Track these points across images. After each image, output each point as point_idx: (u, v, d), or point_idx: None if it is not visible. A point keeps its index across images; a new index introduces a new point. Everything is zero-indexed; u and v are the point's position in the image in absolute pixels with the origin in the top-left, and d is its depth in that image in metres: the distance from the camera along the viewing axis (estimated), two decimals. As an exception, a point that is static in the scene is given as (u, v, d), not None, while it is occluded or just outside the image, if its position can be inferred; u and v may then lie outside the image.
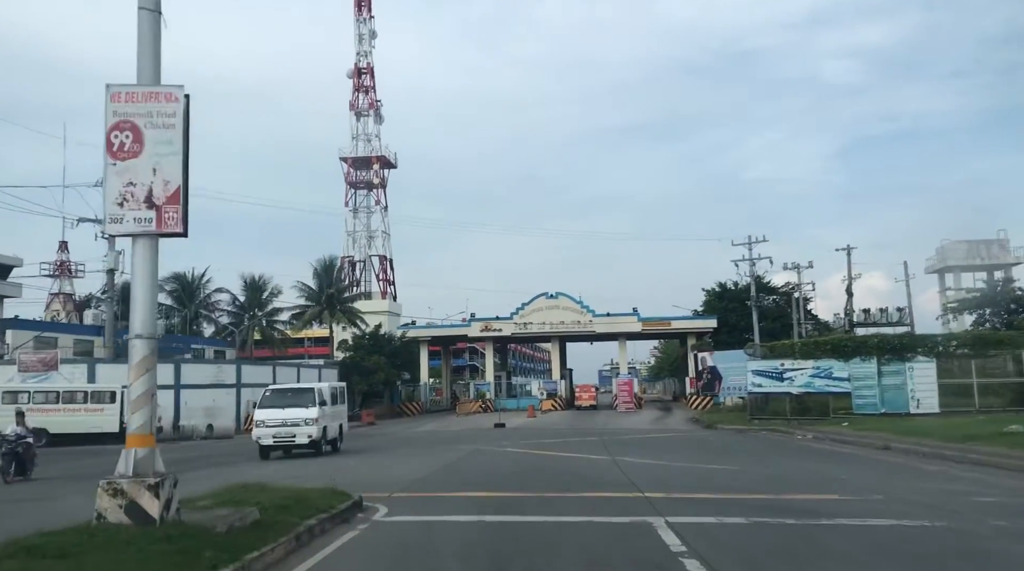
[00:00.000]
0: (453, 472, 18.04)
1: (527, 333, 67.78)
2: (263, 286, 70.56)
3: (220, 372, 39.36)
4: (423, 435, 35.08)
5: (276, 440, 23.92)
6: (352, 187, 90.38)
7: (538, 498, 12.87)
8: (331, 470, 17.38)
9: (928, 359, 33.94)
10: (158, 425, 18.82)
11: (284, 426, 23.84)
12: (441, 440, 30.79)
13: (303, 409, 24.20)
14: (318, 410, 24.33)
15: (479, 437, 31.45)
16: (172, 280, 69.68)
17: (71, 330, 49.28)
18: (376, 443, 30.16)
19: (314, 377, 49.72)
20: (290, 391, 26.02)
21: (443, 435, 34.40)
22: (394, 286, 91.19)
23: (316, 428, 24.06)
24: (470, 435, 33.07)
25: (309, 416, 24.04)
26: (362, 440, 32.33)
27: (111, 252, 35.71)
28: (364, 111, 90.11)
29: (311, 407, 24.29)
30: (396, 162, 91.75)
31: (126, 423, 9.21)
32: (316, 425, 24.07)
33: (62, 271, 65.64)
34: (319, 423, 24.23)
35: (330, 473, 15.71)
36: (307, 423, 23.93)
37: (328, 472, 16.49)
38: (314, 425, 24.03)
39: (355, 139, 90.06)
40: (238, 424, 40.00)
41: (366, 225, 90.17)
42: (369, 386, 57.67)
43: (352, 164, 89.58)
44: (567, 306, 66.82)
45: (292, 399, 24.83)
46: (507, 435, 32.34)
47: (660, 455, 21.25)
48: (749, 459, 20.15)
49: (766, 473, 16.93)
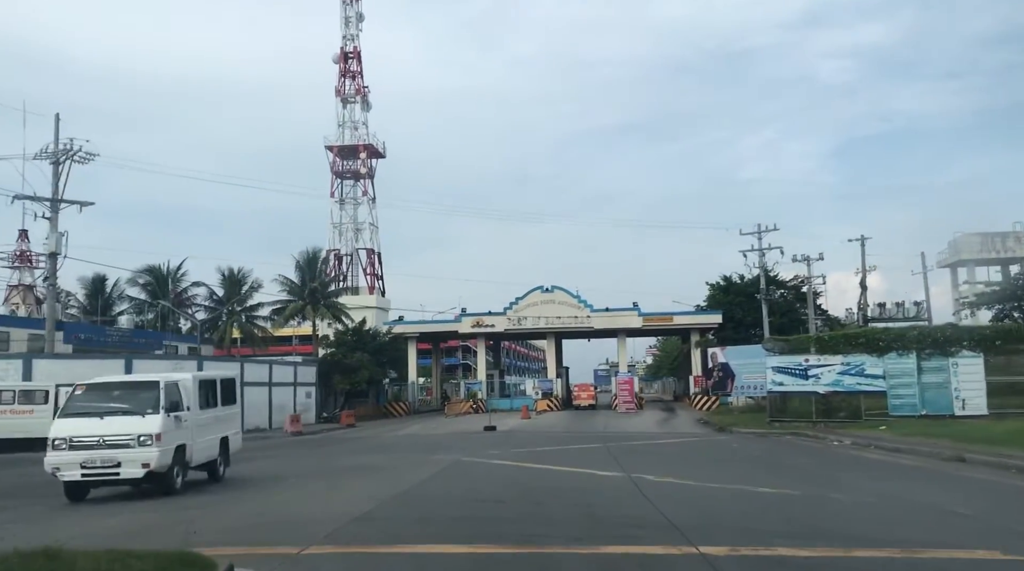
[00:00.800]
0: (415, 501, 13.40)
1: (521, 329, 63.77)
2: (242, 279, 66.52)
3: (177, 369, 35.22)
4: (400, 440, 31.07)
5: (87, 474, 14.56)
6: (338, 177, 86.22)
7: (533, 557, 8.60)
8: (211, 508, 12.94)
9: (975, 354, 30.01)
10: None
11: (99, 447, 14.52)
12: (419, 446, 26.78)
13: (135, 419, 14.81)
14: (163, 419, 14.83)
15: (464, 443, 27.46)
16: (145, 273, 65.67)
17: (24, 324, 45.17)
18: (329, 455, 25.69)
19: (288, 375, 45.69)
20: (117, 388, 16.17)
21: (423, 440, 30.40)
22: (382, 281, 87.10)
23: (157, 451, 14.61)
24: (454, 441, 29.08)
25: (145, 430, 14.64)
26: (317, 449, 28.22)
27: (52, 233, 31.64)
28: (351, 97, 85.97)
29: (150, 414, 14.85)
30: (385, 151, 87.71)
31: None
32: (158, 446, 14.63)
33: (22, 261, 61.51)
34: (166, 441, 14.85)
35: (196, 517, 11.44)
36: (142, 442, 14.55)
37: (201, 513, 12.16)
38: (154, 446, 14.58)
39: (341, 127, 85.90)
40: (268, 422, 35.93)
41: (353, 217, 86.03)
42: (351, 385, 53.61)
43: (338, 153, 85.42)
44: (563, 301, 62.91)
45: (119, 401, 15.42)
46: (497, 441, 28.36)
47: (685, 470, 17.14)
48: (801, 476, 16.08)
49: (841, 500, 12.72)
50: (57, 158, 31.96)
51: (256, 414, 40.87)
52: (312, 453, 26.14)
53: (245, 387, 39.08)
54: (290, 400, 45.26)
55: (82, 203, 32.49)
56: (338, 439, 33.73)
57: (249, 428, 39.21)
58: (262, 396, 41.58)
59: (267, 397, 42.36)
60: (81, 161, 32.27)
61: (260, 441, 32.86)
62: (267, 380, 42.48)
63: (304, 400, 47.51)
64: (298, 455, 25.49)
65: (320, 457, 24.22)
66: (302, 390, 47.28)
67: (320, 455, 25.14)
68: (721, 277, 61.80)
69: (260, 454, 25.81)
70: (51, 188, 31.90)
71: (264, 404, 41.96)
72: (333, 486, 16.07)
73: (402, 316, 69.37)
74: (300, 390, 46.99)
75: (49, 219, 31.94)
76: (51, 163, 31.94)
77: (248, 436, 36.21)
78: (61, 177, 32.24)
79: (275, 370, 43.74)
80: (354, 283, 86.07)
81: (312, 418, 48.57)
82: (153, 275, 66.34)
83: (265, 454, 25.84)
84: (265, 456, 24.80)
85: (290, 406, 44.78)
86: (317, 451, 26.77)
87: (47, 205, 31.91)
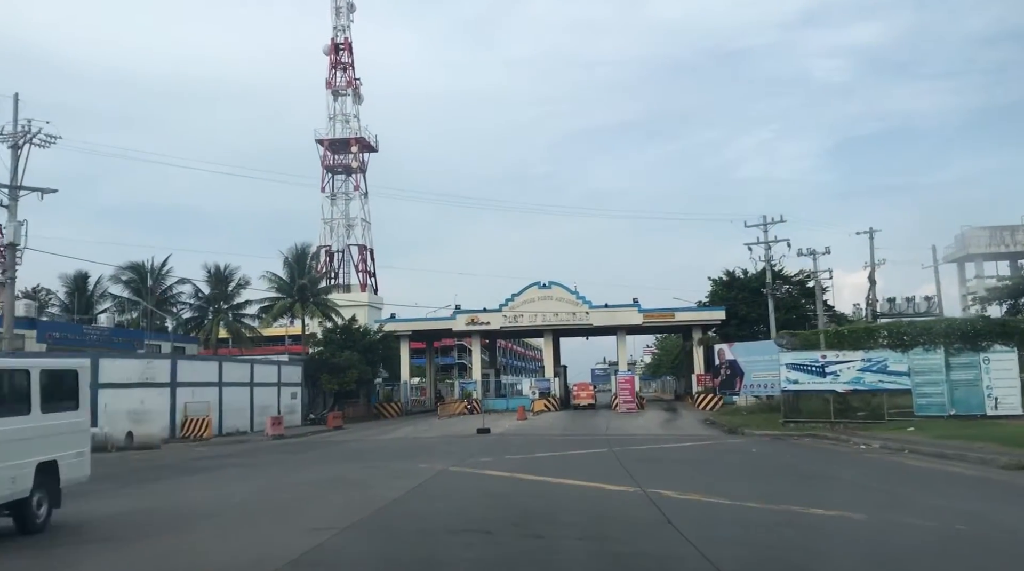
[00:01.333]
0: (379, 532, 10.65)
1: (517, 326, 61.44)
2: (229, 277, 64.08)
3: (149, 368, 33.04)
4: (387, 445, 28.73)
5: None
6: (329, 171, 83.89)
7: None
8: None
9: (1008, 348, 27.75)
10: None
11: None
12: (405, 452, 24.41)
13: None
14: None
15: (455, 448, 25.12)
16: (129, 269, 63.10)
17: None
18: (301, 463, 23.34)
19: (272, 376, 43.37)
20: None
21: (411, 445, 28.06)
22: (375, 278, 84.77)
23: None
24: (444, 445, 26.73)
25: None
26: (292, 456, 25.86)
27: (11, 222, 29.25)
28: (342, 90, 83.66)
29: None
30: (377, 145, 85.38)
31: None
32: None
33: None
34: None
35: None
36: None
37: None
38: None
39: (332, 120, 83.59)
40: (173, 430, 33.64)
41: (344, 212, 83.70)
42: (340, 385, 51.23)
43: (329, 146, 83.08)
44: (561, 297, 60.68)
45: None
46: (490, 445, 26.03)
47: (710, 483, 14.62)
48: (852, 492, 13.46)
49: (922, 528, 10.07)
50: (16, 141, 29.58)
51: (237, 416, 38.55)
52: (282, 461, 23.73)
53: (224, 388, 36.83)
54: (274, 401, 42.94)
55: (43, 190, 30.13)
56: (320, 443, 31.41)
57: (228, 431, 36.91)
58: (243, 397, 39.25)
59: (248, 398, 40.04)
60: (42, 144, 29.91)
61: (235, 446, 30.55)
62: (248, 380, 40.15)
63: (289, 401, 45.17)
64: (265, 463, 23.06)
65: (288, 466, 21.73)
66: (287, 391, 44.95)
67: (291, 464, 22.68)
68: (724, 272, 59.56)
69: (219, 462, 23.44)
70: (9, 174, 29.55)
71: (245, 406, 39.63)
72: (282, 508, 13.35)
73: (394, 313, 67.12)
74: (285, 391, 44.67)
75: (7, 207, 29.56)
76: (9, 147, 29.57)
77: (226, 440, 34.40)
78: (20, 161, 29.87)
79: (257, 370, 41.40)
80: (346, 281, 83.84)
81: (298, 420, 46.24)
82: (137, 272, 63.76)
83: (225, 462, 23.45)
84: (222, 465, 22.36)
85: (274, 407, 42.47)
86: (291, 458, 24.38)
87: (5, 192, 29.55)
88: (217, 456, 24.80)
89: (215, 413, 36.25)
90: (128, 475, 20.30)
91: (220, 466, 22.03)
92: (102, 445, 28.23)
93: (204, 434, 33.74)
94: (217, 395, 36.75)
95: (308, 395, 53.58)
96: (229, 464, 22.62)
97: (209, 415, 34.09)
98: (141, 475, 20.25)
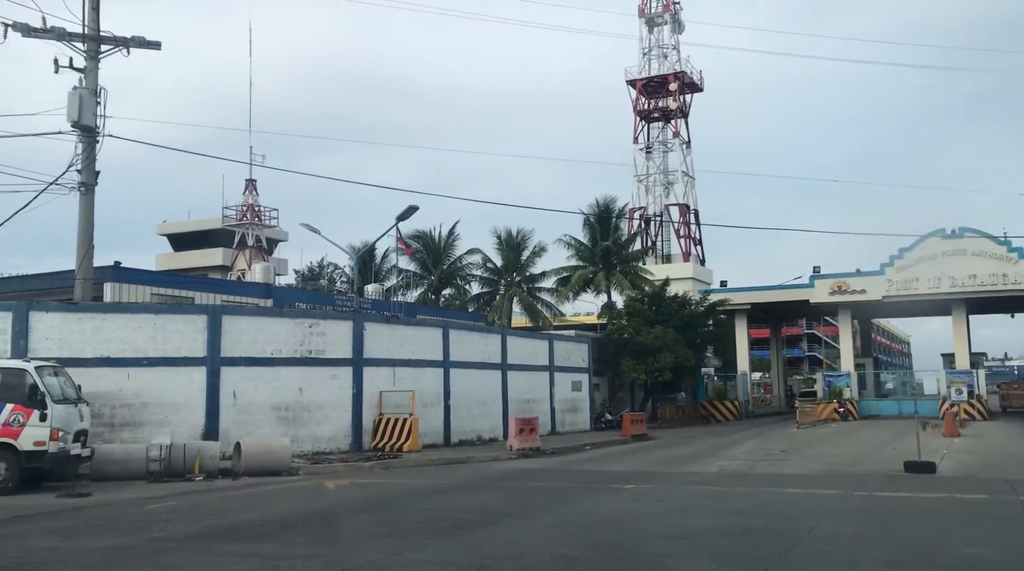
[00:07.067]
0: None
1: (909, 295, 41.93)
2: (522, 243, 51.39)
3: (314, 334, 20.50)
4: (697, 495, 12.88)
5: None
6: (642, 118, 68.93)
7: None
8: None
9: None
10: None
11: None
12: (740, 551, 8.54)
13: None
14: None
15: (884, 537, 8.82)
16: (414, 239, 53.50)
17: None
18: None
19: (539, 356, 29.60)
20: None
21: (755, 503, 12.01)
22: (700, 246, 68.08)
23: None
24: (840, 511, 10.52)
25: None
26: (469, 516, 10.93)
27: (76, 91, 18.01)
28: (657, 17, 68.41)
29: None
30: (702, 83, 69.09)
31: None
32: None
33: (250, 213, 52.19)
34: None
35: None
36: None
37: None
38: None
39: (646, 55, 68.55)
40: (357, 436, 20.82)
41: (661, 166, 68.33)
42: (648, 375, 36.06)
43: (642, 88, 68.18)
44: (979, 249, 40.67)
45: None
46: (983, 525, 9.32)
47: None
48: None
49: None
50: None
51: (477, 414, 25.03)
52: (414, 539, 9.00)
53: (453, 369, 23.63)
54: (543, 394, 29.00)
55: (135, 43, 18.69)
56: (574, 474, 16.61)
57: (464, 437, 23.68)
58: (486, 384, 25.64)
59: (500, 387, 26.35)
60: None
61: (358, 486, 16.33)
62: (497, 360, 26.40)
63: (569, 395, 30.94)
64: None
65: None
66: (565, 379, 30.73)
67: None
68: None
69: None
70: (82, 16, 18.39)
71: (492, 398, 26.01)
72: None
73: (725, 281, 50.63)
74: (563, 379, 30.49)
75: (81, 70, 18.44)
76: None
77: (428, 459, 19.12)
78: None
79: (512, 344, 27.38)
80: (665, 249, 68.54)
81: (584, 421, 31.95)
82: (424, 243, 53.72)
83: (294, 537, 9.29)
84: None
85: (543, 402, 28.62)
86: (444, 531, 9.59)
87: (80, 44, 18.47)
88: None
89: (437, 409, 23.04)
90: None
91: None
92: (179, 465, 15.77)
93: (402, 444, 20.54)
94: (441, 381, 23.49)
95: (609, 387, 39.36)
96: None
97: (413, 414, 20.78)
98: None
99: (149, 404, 18.10)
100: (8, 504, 12.40)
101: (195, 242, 54.17)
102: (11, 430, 13.68)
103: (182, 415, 18.28)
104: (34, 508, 12.15)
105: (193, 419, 18.37)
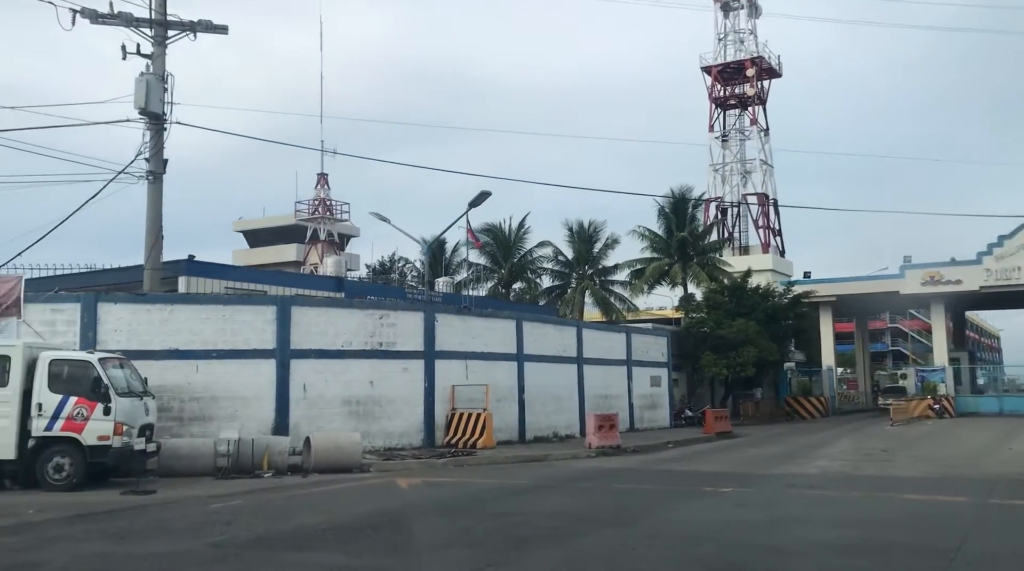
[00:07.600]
0: None
1: (1009, 285, 39.36)
2: (594, 235, 50.11)
3: (385, 326, 19.72)
4: (812, 484, 11.64)
5: None
6: (718, 106, 66.86)
7: None
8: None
9: None
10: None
11: None
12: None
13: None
14: None
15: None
16: (484, 232, 52.74)
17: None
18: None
19: (617, 350, 28.39)
20: None
21: (881, 504, 10.72)
22: (780, 237, 65.72)
23: None
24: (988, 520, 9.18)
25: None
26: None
27: (143, 77, 17.56)
28: (734, 1, 66.25)
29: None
30: (780, 69, 66.68)
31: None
32: None
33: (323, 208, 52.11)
34: None
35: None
36: None
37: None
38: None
39: (721, 40, 66.50)
40: (430, 430, 19.99)
41: (738, 155, 66.14)
42: (730, 369, 34.49)
43: (718, 75, 66.10)
44: (1090, 236, 37.68)
45: None
46: None
47: None
48: None
49: None
50: None
51: (554, 411, 24.02)
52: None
53: (527, 363, 22.67)
54: (621, 389, 27.80)
55: (202, 27, 18.18)
56: (662, 474, 15.47)
57: (540, 434, 22.67)
58: (562, 379, 24.61)
59: (575, 381, 25.27)
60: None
61: (518, 475, 15.42)
62: (573, 353, 25.34)
63: (648, 390, 29.67)
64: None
65: None
66: (644, 373, 29.46)
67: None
68: None
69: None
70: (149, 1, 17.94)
71: (569, 394, 24.96)
72: None
73: (808, 272, 48.48)
74: (641, 373, 29.24)
75: (148, 56, 18.00)
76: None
77: (506, 456, 18.53)
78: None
79: (588, 337, 26.28)
80: (743, 240, 66.37)
81: (664, 417, 30.65)
82: (494, 236, 52.91)
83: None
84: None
85: (621, 398, 27.44)
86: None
87: (147, 30, 18.04)
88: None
89: (511, 404, 22.09)
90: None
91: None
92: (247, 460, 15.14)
93: (476, 440, 19.63)
94: (515, 374, 22.54)
95: (689, 382, 37.89)
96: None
97: (487, 409, 19.86)
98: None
99: (218, 397, 17.62)
100: (72, 501, 11.89)
101: (269, 238, 54.66)
102: (75, 424, 13.21)
103: (251, 409, 17.75)
104: (96, 506, 11.60)
105: (262, 413, 17.83)
